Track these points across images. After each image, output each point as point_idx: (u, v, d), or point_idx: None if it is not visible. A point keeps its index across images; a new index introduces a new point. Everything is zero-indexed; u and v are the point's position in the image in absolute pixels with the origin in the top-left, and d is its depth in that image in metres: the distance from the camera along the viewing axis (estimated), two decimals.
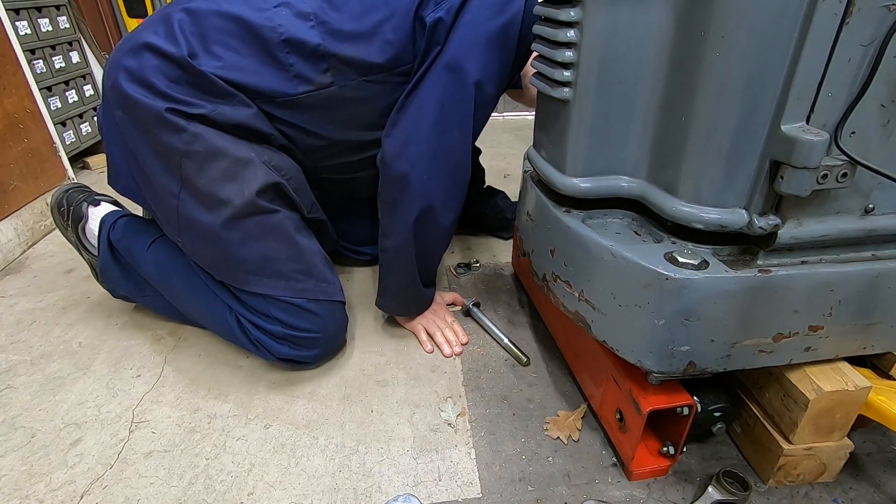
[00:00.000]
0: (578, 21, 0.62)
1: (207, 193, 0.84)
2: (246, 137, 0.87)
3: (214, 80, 0.82)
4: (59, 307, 1.13)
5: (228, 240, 0.86)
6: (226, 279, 0.92)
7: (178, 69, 0.82)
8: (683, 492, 0.72)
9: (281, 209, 0.89)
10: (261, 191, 0.84)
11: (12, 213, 1.33)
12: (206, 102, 0.83)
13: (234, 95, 0.84)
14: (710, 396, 0.71)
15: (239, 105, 0.85)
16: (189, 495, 0.73)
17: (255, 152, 0.86)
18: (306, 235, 0.93)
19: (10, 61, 1.35)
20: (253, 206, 0.85)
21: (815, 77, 0.53)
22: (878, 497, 0.71)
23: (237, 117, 0.84)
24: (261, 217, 0.86)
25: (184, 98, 0.82)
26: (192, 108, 0.82)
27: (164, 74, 0.82)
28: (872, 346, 0.67)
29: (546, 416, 0.85)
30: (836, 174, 0.55)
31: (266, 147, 0.90)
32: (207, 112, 0.82)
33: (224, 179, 0.84)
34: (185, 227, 0.89)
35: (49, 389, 0.91)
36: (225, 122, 0.84)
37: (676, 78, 0.59)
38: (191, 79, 0.82)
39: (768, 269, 0.60)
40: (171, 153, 0.84)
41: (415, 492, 0.73)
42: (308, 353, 0.92)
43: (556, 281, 0.76)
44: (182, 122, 0.81)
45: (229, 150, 0.84)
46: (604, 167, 0.69)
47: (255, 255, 0.88)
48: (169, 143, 0.83)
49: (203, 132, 0.83)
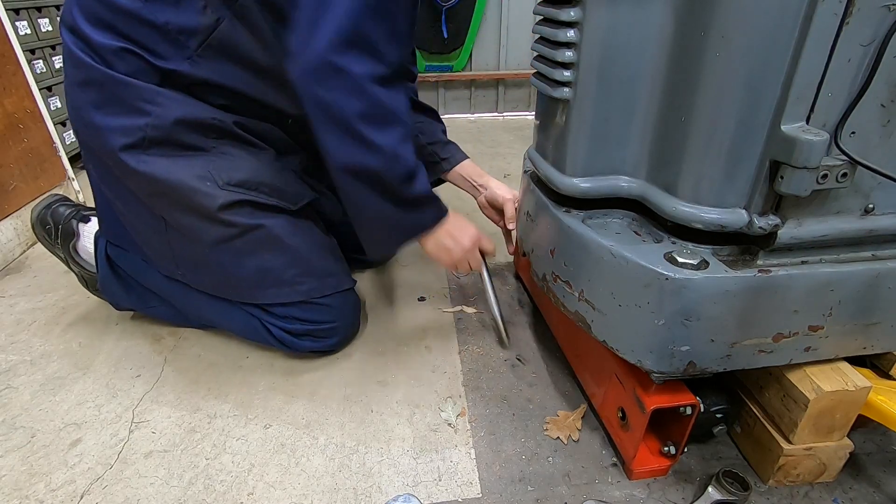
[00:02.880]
0: (578, 21, 0.62)
1: (185, 225, 0.84)
2: (197, 146, 0.82)
3: (124, 79, 0.77)
4: (59, 307, 1.13)
5: (222, 262, 0.87)
6: (234, 298, 0.93)
7: (99, 88, 0.77)
8: (683, 492, 0.72)
9: (264, 221, 0.86)
10: (224, 207, 0.81)
11: (12, 213, 1.33)
12: (137, 109, 0.78)
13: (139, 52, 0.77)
14: (711, 397, 0.71)
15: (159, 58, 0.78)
16: (189, 495, 0.73)
17: (209, 175, 0.81)
18: (300, 233, 0.91)
19: (10, 61, 1.34)
20: (232, 227, 0.83)
21: (815, 77, 0.53)
22: (878, 497, 0.71)
23: (173, 113, 0.79)
24: (247, 236, 0.85)
25: (121, 123, 0.78)
26: (133, 129, 0.77)
27: (96, 105, 0.78)
28: (872, 346, 0.67)
29: (546, 416, 0.85)
30: (836, 174, 0.55)
31: (224, 153, 0.84)
32: (149, 122, 0.78)
33: (193, 212, 0.82)
34: (182, 260, 0.90)
35: (49, 389, 0.91)
36: (167, 126, 0.79)
37: (676, 78, 0.59)
38: (113, 89, 0.77)
39: (768, 269, 0.60)
40: (145, 196, 0.84)
41: (415, 492, 0.73)
42: (329, 341, 0.95)
43: (556, 281, 0.76)
44: (133, 164, 0.78)
45: (183, 183, 0.80)
46: (604, 167, 0.69)
47: (252, 272, 0.88)
48: (138, 187, 0.83)
49: (153, 171, 0.79)
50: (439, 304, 1.14)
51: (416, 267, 1.29)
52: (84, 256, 1.03)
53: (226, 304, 0.95)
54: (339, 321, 0.95)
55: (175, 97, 0.80)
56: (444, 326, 1.07)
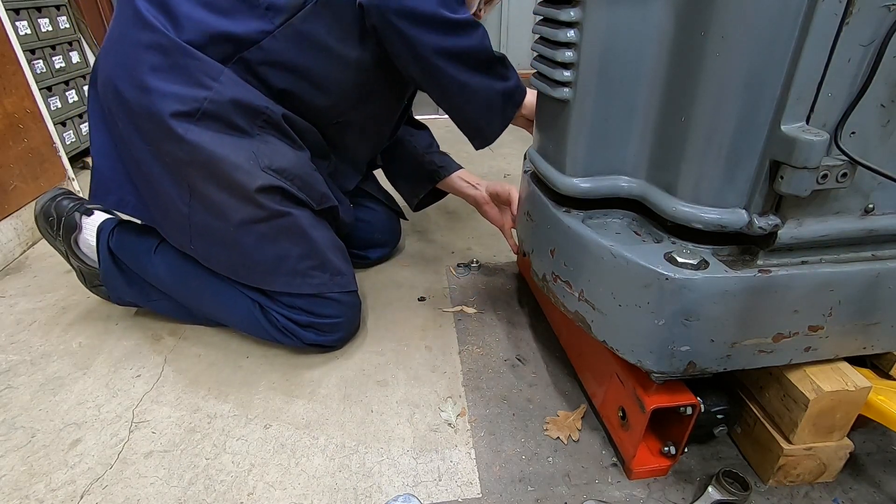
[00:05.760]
0: (578, 21, 0.62)
1: (216, 202, 0.85)
2: (244, 129, 0.85)
3: (193, 52, 0.80)
4: (59, 307, 1.13)
5: (243, 243, 0.88)
6: (244, 280, 0.94)
7: (164, 54, 0.80)
8: (683, 492, 0.72)
9: (292, 210, 0.89)
10: (260, 189, 0.84)
11: (12, 213, 1.33)
12: (199, 83, 0.80)
13: (217, 45, 0.82)
14: (711, 397, 0.71)
15: (227, 63, 0.83)
16: (189, 495, 0.73)
17: (253, 157, 0.85)
18: (320, 229, 0.94)
19: (10, 61, 1.34)
20: (262, 209, 0.85)
21: (815, 77, 0.53)
22: (878, 497, 0.71)
23: (230, 93, 0.82)
24: (274, 221, 0.87)
25: (179, 91, 0.80)
26: (190, 100, 0.80)
27: (155, 69, 0.80)
28: (872, 346, 0.67)
29: (546, 416, 0.85)
30: (836, 174, 0.55)
31: (267, 141, 0.87)
32: (208, 97, 0.81)
33: (228, 188, 0.84)
34: (197, 234, 0.90)
35: (49, 389, 0.91)
36: (224, 104, 0.82)
37: (676, 78, 0.59)
38: (178, 59, 0.80)
39: (768, 269, 0.60)
40: (176, 164, 0.84)
41: (415, 492, 0.73)
42: (332, 337, 0.97)
43: (556, 281, 0.76)
44: (180, 131, 0.80)
45: (228, 158, 0.83)
46: (604, 167, 0.69)
47: (269, 257, 0.89)
48: (173, 154, 0.83)
49: (200, 140, 0.81)
50: (439, 304, 1.14)
51: (416, 267, 1.29)
52: (85, 250, 1.04)
53: (229, 293, 0.95)
54: (343, 317, 0.97)
55: (235, 80, 0.83)
56: (444, 326, 1.07)
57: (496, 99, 0.92)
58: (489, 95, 0.91)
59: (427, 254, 1.34)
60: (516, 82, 0.94)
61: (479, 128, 0.96)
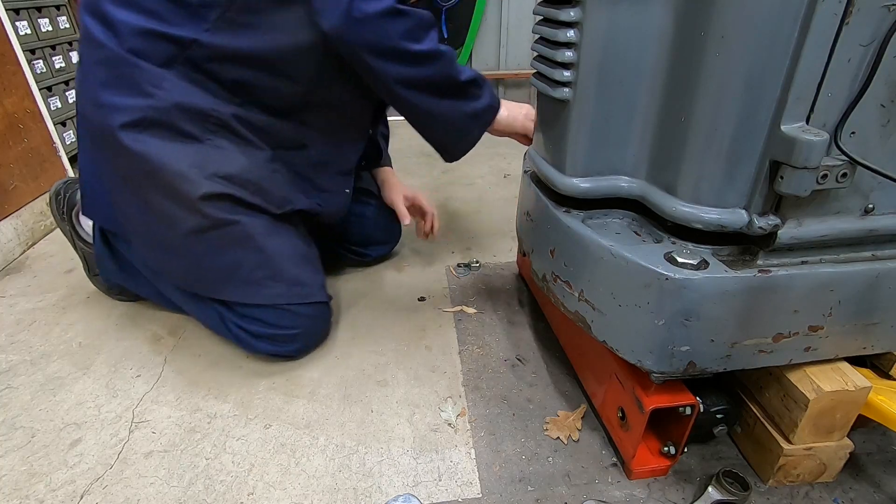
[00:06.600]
0: (578, 21, 0.62)
1: (165, 212, 0.85)
2: (193, 135, 0.82)
3: (135, 61, 0.79)
4: (59, 307, 1.13)
5: (193, 253, 0.88)
6: (198, 290, 0.94)
7: (109, 67, 0.79)
8: (683, 492, 0.72)
9: (241, 218, 0.86)
10: (205, 197, 0.82)
11: (12, 213, 1.33)
12: (142, 91, 0.79)
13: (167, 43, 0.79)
14: (711, 397, 0.71)
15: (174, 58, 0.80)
16: (189, 495, 0.73)
17: (198, 164, 0.82)
18: (278, 236, 0.91)
19: (10, 61, 1.34)
20: (207, 218, 0.84)
21: (815, 77, 0.53)
22: (878, 497, 0.71)
23: (174, 97, 0.80)
24: (221, 230, 0.85)
25: (125, 102, 0.79)
26: (135, 109, 0.79)
27: (104, 84, 0.80)
28: (872, 346, 0.67)
29: (546, 416, 0.85)
30: (836, 174, 0.55)
31: (217, 146, 0.84)
32: (151, 104, 0.79)
33: (173, 197, 0.83)
34: (153, 245, 0.91)
35: (49, 389, 0.91)
36: (168, 109, 0.80)
37: (676, 78, 0.59)
38: (123, 70, 0.79)
39: (768, 269, 0.60)
40: (130, 177, 0.85)
41: (415, 492, 0.73)
42: (288, 347, 0.95)
43: (556, 281, 0.76)
44: (127, 142, 0.79)
45: (171, 166, 0.81)
46: (604, 167, 0.69)
47: (221, 265, 0.88)
48: (125, 167, 0.83)
49: (146, 150, 0.80)
50: (439, 304, 1.14)
51: (416, 267, 1.29)
52: (85, 227, 1.07)
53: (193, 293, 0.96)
54: (301, 329, 0.94)
55: (180, 83, 0.81)
56: (444, 326, 1.07)
57: (462, 120, 0.92)
58: (455, 118, 0.91)
59: (427, 254, 1.34)
60: (487, 102, 0.93)
61: (445, 146, 0.97)
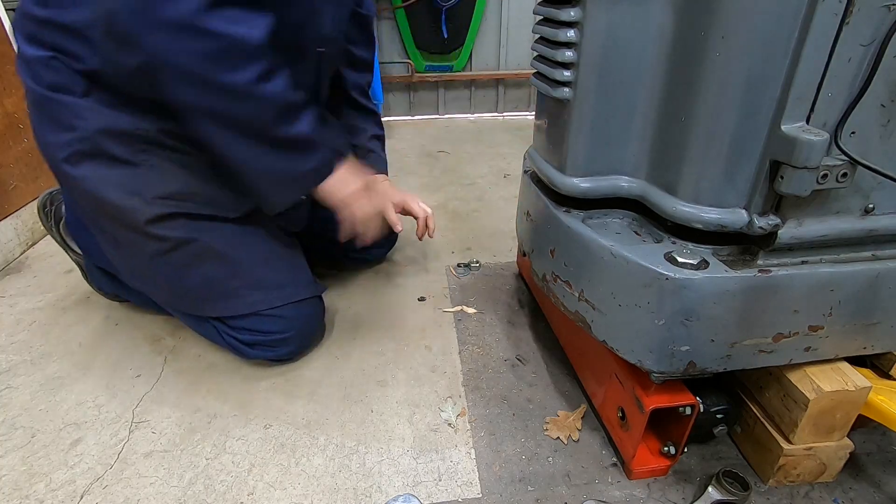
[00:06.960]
0: (578, 21, 0.62)
1: (128, 240, 0.84)
2: (126, 159, 0.78)
3: (55, 97, 0.75)
4: (59, 307, 1.13)
5: (165, 275, 0.87)
6: (184, 310, 0.94)
7: (39, 108, 0.77)
8: (683, 492, 0.72)
9: (199, 234, 0.83)
10: (153, 220, 0.80)
11: (12, 213, 1.33)
12: (68, 125, 0.76)
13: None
14: (711, 397, 0.71)
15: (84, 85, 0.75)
16: (189, 495, 0.73)
17: (137, 189, 0.79)
18: (243, 244, 0.88)
19: (10, 61, 1.34)
20: (164, 241, 0.82)
21: (815, 77, 0.53)
22: (878, 497, 0.71)
23: (95, 125, 0.76)
24: (182, 249, 0.83)
25: (58, 138, 0.77)
26: (65, 144, 0.76)
27: (41, 122, 0.78)
28: (872, 346, 0.67)
29: (546, 416, 0.85)
30: (836, 174, 0.55)
31: (153, 167, 0.80)
32: (77, 136, 0.76)
33: (126, 226, 0.82)
34: (129, 271, 0.91)
35: (49, 389, 0.91)
36: (93, 138, 0.76)
37: (676, 78, 0.59)
38: (48, 108, 0.76)
39: (768, 269, 0.60)
40: (85, 209, 0.85)
41: (415, 492, 0.73)
42: (282, 351, 0.93)
43: (556, 281, 0.76)
44: (74, 176, 0.78)
45: (111, 198, 0.78)
46: (604, 167, 0.69)
47: (194, 284, 0.87)
48: (79, 201, 0.84)
49: (88, 184, 0.78)
50: (439, 304, 1.14)
51: (416, 267, 1.29)
52: (76, 240, 1.06)
53: None
54: (291, 331, 0.92)
55: (100, 109, 0.76)
56: (444, 326, 1.07)
57: (277, 172, 0.79)
58: (267, 168, 0.79)
59: (427, 254, 1.34)
60: (308, 153, 0.80)
61: (260, 195, 0.84)
